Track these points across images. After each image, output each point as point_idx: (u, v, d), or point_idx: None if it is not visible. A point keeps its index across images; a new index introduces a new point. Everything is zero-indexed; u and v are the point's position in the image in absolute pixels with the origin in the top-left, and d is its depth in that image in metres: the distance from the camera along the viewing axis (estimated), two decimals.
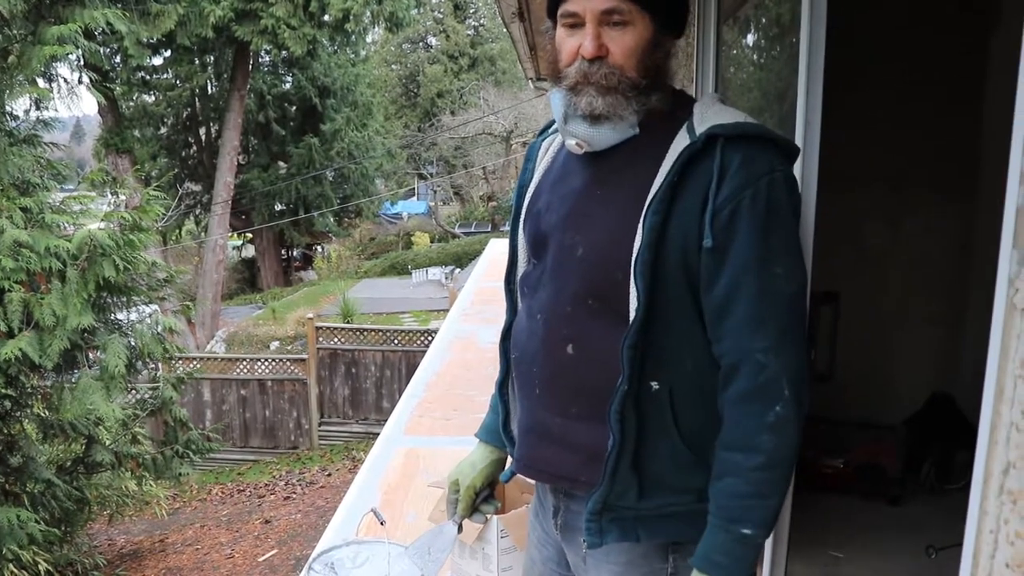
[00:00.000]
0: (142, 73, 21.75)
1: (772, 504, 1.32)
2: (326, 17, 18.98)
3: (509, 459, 1.70)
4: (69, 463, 7.79)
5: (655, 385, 1.36)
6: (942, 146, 3.65)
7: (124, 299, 7.33)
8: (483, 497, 1.77)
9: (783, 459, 1.31)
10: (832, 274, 3.21)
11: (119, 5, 12.30)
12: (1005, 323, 1.05)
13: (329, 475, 12.15)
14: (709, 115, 1.36)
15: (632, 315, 1.33)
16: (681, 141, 1.34)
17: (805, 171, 1.91)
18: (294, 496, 11.48)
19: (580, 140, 1.42)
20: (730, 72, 3.21)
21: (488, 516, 1.83)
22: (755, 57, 3.07)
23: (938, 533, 2.90)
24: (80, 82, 12.57)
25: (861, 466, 3.72)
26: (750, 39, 3.15)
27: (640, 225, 1.32)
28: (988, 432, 1.09)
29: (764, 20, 2.84)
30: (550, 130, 1.62)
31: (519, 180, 1.63)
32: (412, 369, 6.60)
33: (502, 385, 1.65)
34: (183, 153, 25.46)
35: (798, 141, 1.92)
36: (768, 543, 2.19)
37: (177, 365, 11.77)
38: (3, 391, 6.28)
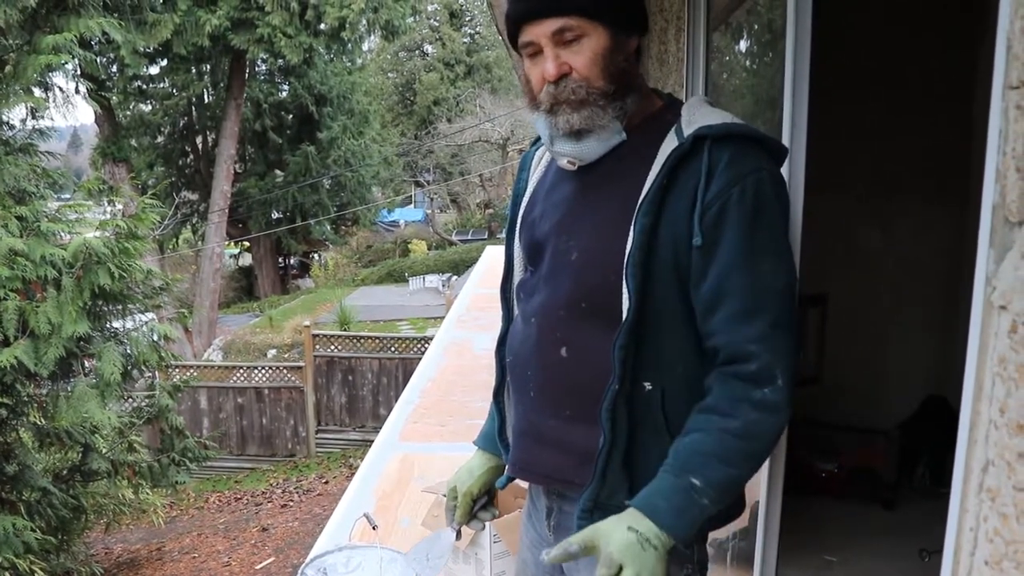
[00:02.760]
0: (139, 82, 21.81)
1: (732, 473, 1.30)
2: (322, 26, 19.05)
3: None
4: (65, 471, 7.78)
5: (648, 386, 1.37)
6: (933, 150, 3.66)
7: (120, 307, 7.33)
8: (481, 504, 1.78)
9: (759, 435, 1.30)
10: (822, 277, 3.22)
11: (115, 14, 12.30)
12: (983, 321, 1.05)
13: (326, 483, 12.14)
14: (697, 117, 1.37)
15: (624, 316, 1.34)
16: (670, 143, 1.36)
17: (792, 173, 1.91)
18: (291, 504, 11.47)
19: (570, 158, 1.44)
20: (723, 78, 3.22)
21: (486, 523, 1.83)
22: (747, 63, 3.08)
23: (932, 536, 2.88)
24: (76, 91, 12.56)
25: (854, 470, 3.72)
26: (742, 45, 3.16)
27: (631, 227, 1.34)
28: (968, 430, 1.09)
29: (756, 26, 2.84)
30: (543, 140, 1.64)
31: (513, 190, 1.65)
32: (409, 376, 6.61)
33: (498, 392, 1.67)
34: (180, 162, 25.49)
35: (785, 143, 1.93)
36: (758, 546, 2.18)
37: (174, 373, 11.80)
38: None
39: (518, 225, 1.60)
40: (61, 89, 10.07)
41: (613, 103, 1.39)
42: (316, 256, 31.52)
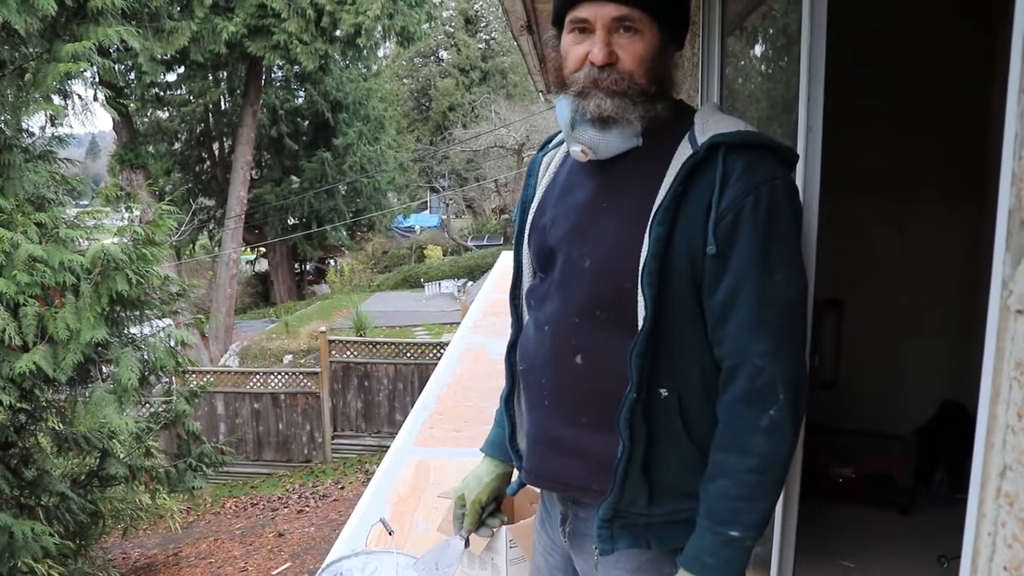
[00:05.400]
0: (156, 89, 21.93)
1: (762, 507, 1.33)
2: (338, 32, 19.09)
3: (515, 472, 1.71)
4: (83, 476, 7.80)
5: (664, 392, 1.37)
6: (948, 153, 3.64)
7: (137, 313, 7.35)
8: (489, 511, 1.78)
9: (776, 463, 1.32)
10: (838, 281, 3.20)
11: (133, 22, 12.40)
12: (999, 325, 1.05)
13: (342, 488, 12.15)
14: (710, 125, 1.37)
15: (640, 324, 1.34)
16: (684, 151, 1.36)
17: (807, 177, 1.91)
18: (307, 509, 11.49)
19: (586, 147, 1.42)
20: (738, 83, 3.21)
21: (495, 530, 1.83)
22: (763, 68, 3.08)
23: (950, 542, 2.86)
24: (95, 99, 12.69)
25: (871, 475, 3.70)
26: (757, 50, 3.16)
27: (646, 235, 1.34)
28: (985, 435, 1.09)
29: (771, 30, 2.84)
30: (550, 145, 1.64)
31: (521, 196, 1.64)
32: (424, 382, 6.63)
33: (508, 399, 1.66)
34: (197, 168, 25.65)
35: (800, 147, 1.93)
36: (775, 552, 2.18)
37: (190, 378, 11.82)
38: (18, 405, 6.31)
39: (527, 231, 1.59)
40: (80, 96, 10.14)
41: (646, 103, 1.38)
42: (332, 262, 31.61)
